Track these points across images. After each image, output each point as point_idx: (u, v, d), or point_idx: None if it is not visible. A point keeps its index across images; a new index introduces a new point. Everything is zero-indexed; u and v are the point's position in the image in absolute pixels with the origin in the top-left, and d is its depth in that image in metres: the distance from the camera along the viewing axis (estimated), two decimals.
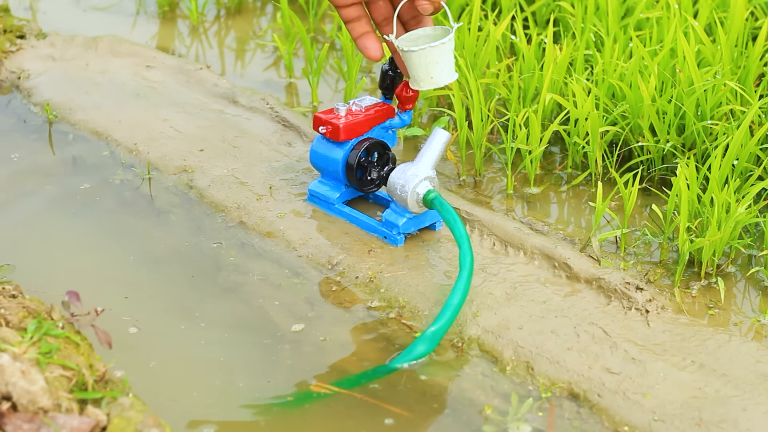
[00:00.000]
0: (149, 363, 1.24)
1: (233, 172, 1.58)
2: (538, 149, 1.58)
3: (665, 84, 1.63)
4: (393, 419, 1.18)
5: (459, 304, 1.27)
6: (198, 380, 1.23)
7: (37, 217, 1.52)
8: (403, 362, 1.25)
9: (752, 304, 1.38)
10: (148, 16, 2.20)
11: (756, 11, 1.84)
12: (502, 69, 1.72)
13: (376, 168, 1.46)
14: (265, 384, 1.23)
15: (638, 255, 1.46)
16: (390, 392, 1.22)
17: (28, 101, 1.82)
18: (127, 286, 1.38)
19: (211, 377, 1.24)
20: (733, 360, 1.23)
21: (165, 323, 1.32)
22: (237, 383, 1.23)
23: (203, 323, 1.32)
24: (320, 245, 1.43)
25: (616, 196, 1.58)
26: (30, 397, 1.00)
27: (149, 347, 1.27)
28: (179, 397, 1.20)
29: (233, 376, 1.24)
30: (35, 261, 1.41)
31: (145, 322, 1.31)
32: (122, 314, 1.32)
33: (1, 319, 1.12)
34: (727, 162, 1.46)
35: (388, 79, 1.47)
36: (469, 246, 1.32)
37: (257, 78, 1.97)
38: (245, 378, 1.24)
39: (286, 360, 1.27)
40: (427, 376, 1.24)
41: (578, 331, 1.27)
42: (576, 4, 1.82)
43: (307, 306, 1.35)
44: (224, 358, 1.27)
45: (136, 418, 1.03)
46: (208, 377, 1.24)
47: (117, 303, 1.34)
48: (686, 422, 1.15)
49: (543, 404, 1.20)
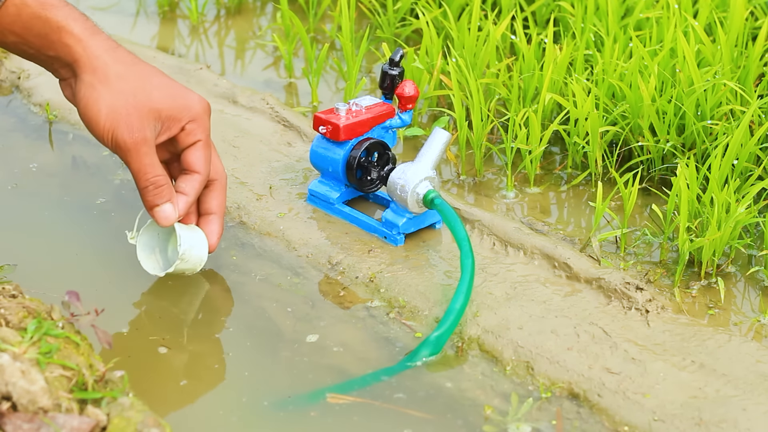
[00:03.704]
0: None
1: (233, 171, 1.58)
2: (538, 149, 1.58)
3: (665, 84, 1.63)
4: (393, 419, 1.18)
5: (462, 307, 1.27)
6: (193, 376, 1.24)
7: (37, 217, 1.52)
8: (406, 366, 1.25)
9: (752, 304, 1.38)
10: (148, 16, 2.20)
11: (756, 11, 1.84)
12: (502, 69, 1.72)
13: (376, 168, 1.46)
14: (265, 383, 1.23)
15: (638, 255, 1.46)
16: (390, 392, 1.22)
17: (28, 101, 1.82)
18: (127, 286, 1.38)
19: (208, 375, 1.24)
20: (733, 360, 1.23)
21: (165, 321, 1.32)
22: (236, 382, 1.23)
23: (203, 323, 1.33)
24: (320, 245, 1.43)
25: (616, 196, 1.58)
26: (30, 397, 1.00)
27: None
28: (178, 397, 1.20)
29: (232, 376, 1.24)
30: (35, 261, 1.41)
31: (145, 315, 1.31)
32: (121, 315, 1.32)
33: (1, 319, 1.12)
34: (727, 162, 1.46)
35: (388, 79, 1.47)
36: (469, 247, 1.32)
37: (257, 78, 1.97)
38: (245, 378, 1.24)
39: (285, 360, 1.27)
40: (426, 376, 1.24)
41: (578, 331, 1.27)
42: (576, 4, 1.82)
43: (306, 306, 1.35)
44: (222, 357, 1.27)
45: (136, 418, 1.03)
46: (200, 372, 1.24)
47: (117, 303, 1.34)
48: (686, 422, 1.15)
49: (543, 404, 1.20)
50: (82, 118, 1.26)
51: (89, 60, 1.25)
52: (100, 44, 1.26)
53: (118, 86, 1.25)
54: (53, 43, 1.25)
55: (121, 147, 1.25)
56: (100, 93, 1.24)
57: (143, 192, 1.28)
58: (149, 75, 1.28)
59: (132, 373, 1.13)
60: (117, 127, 1.24)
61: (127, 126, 1.24)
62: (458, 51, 1.74)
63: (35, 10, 1.23)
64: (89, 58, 1.25)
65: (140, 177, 1.27)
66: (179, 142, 1.31)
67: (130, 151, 1.25)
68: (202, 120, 1.30)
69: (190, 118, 1.29)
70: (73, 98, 1.28)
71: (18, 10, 1.23)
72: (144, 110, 1.25)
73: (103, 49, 1.26)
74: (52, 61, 1.27)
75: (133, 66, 1.27)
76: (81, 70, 1.25)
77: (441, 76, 1.74)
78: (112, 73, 1.25)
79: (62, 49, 1.25)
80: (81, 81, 1.25)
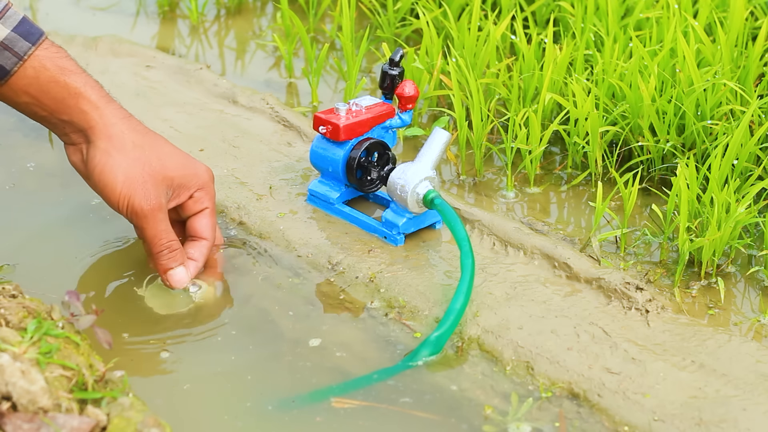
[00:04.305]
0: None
1: (233, 171, 1.58)
2: (538, 149, 1.58)
3: (665, 84, 1.63)
4: (393, 419, 1.18)
5: (462, 307, 1.28)
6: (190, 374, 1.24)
7: (37, 217, 1.52)
8: (406, 366, 1.25)
9: (752, 304, 1.38)
10: (148, 16, 2.20)
11: (756, 11, 1.84)
12: (502, 69, 1.72)
13: (376, 168, 1.46)
14: (269, 387, 1.23)
15: (638, 255, 1.46)
16: (390, 392, 1.22)
17: None
18: (127, 287, 1.38)
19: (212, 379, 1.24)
20: (733, 360, 1.23)
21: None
22: (240, 386, 1.23)
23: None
24: (320, 245, 1.43)
25: (616, 196, 1.58)
26: (30, 397, 1.00)
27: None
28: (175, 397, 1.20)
29: (236, 380, 1.24)
30: (35, 261, 1.41)
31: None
32: (122, 316, 1.32)
33: (1, 319, 1.12)
34: (727, 162, 1.46)
35: (388, 79, 1.47)
36: (469, 247, 1.32)
37: (257, 78, 1.97)
38: (244, 377, 1.24)
39: (285, 360, 1.27)
40: (426, 376, 1.24)
41: (578, 331, 1.27)
42: (576, 4, 1.82)
43: (306, 306, 1.35)
44: (225, 361, 1.27)
45: (136, 418, 1.03)
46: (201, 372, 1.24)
47: (118, 303, 1.35)
48: (686, 422, 1.15)
49: (543, 404, 1.20)
50: (96, 183, 1.29)
51: (105, 127, 1.28)
52: (115, 112, 1.29)
53: (134, 154, 1.28)
54: (69, 108, 1.28)
55: (137, 213, 1.28)
56: (116, 160, 1.28)
57: (158, 256, 1.31)
58: (161, 144, 1.32)
59: (136, 377, 1.13)
60: (134, 195, 1.27)
61: (144, 193, 1.28)
62: (458, 51, 1.74)
63: (54, 74, 1.26)
64: (105, 126, 1.28)
65: (155, 242, 1.30)
66: (185, 209, 1.35)
67: (147, 217, 1.28)
68: (209, 188, 1.36)
69: (198, 186, 1.34)
70: (83, 163, 1.31)
71: (36, 73, 1.25)
72: (158, 178, 1.29)
73: (118, 118, 1.29)
74: (64, 125, 1.30)
75: (146, 135, 1.31)
76: (96, 137, 1.28)
77: (441, 76, 1.74)
78: (128, 142, 1.28)
79: (78, 114, 1.28)
80: (96, 147, 1.28)
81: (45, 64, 1.26)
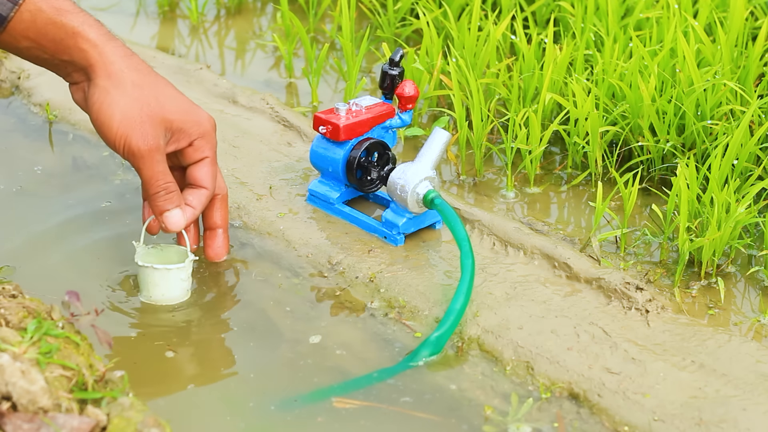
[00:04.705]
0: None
1: (233, 171, 1.58)
2: (538, 149, 1.59)
3: (665, 84, 1.63)
4: (393, 419, 1.18)
5: (462, 308, 1.28)
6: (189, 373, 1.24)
7: (37, 217, 1.52)
8: (406, 366, 1.25)
9: (752, 304, 1.38)
10: (148, 16, 2.20)
11: (756, 11, 1.84)
12: (502, 69, 1.72)
13: (376, 168, 1.46)
14: (270, 387, 1.23)
15: (638, 255, 1.46)
16: (390, 392, 1.22)
17: (28, 101, 1.82)
18: (127, 287, 1.38)
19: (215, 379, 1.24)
20: (733, 360, 1.23)
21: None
22: (242, 386, 1.23)
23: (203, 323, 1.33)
24: (320, 245, 1.43)
25: (616, 196, 1.58)
26: (30, 397, 1.00)
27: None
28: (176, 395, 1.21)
29: (239, 379, 1.24)
30: (35, 261, 1.41)
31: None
32: (123, 317, 1.32)
33: (1, 319, 1.12)
34: (727, 162, 1.46)
35: (388, 79, 1.47)
36: (469, 247, 1.32)
37: (257, 78, 1.97)
38: (243, 376, 1.24)
39: (285, 360, 1.27)
40: (426, 376, 1.24)
41: (578, 331, 1.28)
42: (576, 4, 1.82)
43: (307, 307, 1.35)
44: (227, 360, 1.27)
45: (136, 418, 1.03)
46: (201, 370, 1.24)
47: (117, 304, 1.35)
48: (686, 422, 1.15)
49: (543, 404, 1.20)
50: (94, 121, 1.27)
51: (105, 65, 1.26)
52: (116, 50, 1.27)
53: (133, 93, 1.26)
54: (68, 48, 1.26)
55: (134, 153, 1.26)
56: (114, 98, 1.26)
57: (154, 197, 1.29)
58: (163, 86, 1.30)
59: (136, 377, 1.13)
60: (131, 134, 1.25)
61: (141, 133, 1.26)
62: (458, 51, 1.74)
63: (50, 15, 1.25)
64: (105, 64, 1.26)
65: (152, 183, 1.28)
66: (185, 156, 1.33)
67: (144, 158, 1.26)
68: (210, 137, 1.33)
69: (199, 134, 1.32)
70: (85, 102, 1.29)
71: (33, 16, 1.24)
72: (157, 119, 1.27)
73: (119, 56, 1.27)
74: (66, 65, 1.28)
75: (147, 75, 1.29)
76: (96, 75, 1.26)
77: (441, 76, 1.74)
78: (128, 80, 1.27)
79: (77, 53, 1.26)
80: (95, 85, 1.27)
81: (41, 7, 1.24)
